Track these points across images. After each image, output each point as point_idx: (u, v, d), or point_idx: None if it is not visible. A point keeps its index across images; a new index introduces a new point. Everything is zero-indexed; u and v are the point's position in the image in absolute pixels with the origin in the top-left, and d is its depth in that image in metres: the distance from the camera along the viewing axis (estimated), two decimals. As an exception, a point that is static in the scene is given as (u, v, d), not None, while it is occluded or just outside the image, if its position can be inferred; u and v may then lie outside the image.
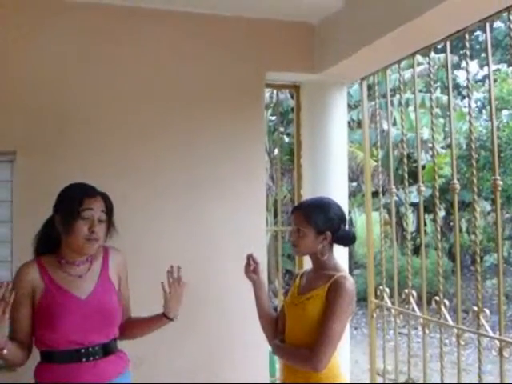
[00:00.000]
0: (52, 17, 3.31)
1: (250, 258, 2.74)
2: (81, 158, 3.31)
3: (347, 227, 2.55)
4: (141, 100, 3.45)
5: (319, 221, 2.45)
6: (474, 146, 2.95)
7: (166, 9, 3.47)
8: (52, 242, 2.41)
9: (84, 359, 2.27)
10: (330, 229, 2.46)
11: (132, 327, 2.55)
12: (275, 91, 4.47)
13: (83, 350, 2.27)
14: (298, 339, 2.42)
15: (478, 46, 16.17)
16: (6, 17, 3.24)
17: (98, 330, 2.31)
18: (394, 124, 12.27)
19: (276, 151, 12.01)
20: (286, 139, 12.89)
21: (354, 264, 13.25)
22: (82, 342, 2.27)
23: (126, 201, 3.28)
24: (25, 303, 2.30)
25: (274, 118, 12.46)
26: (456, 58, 13.23)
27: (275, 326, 2.64)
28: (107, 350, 2.35)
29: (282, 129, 12.66)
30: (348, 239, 2.54)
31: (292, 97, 4.23)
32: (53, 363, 2.30)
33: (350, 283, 2.37)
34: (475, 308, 2.80)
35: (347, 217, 2.67)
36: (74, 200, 2.33)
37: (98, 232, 2.32)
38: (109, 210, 2.40)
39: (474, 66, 16.88)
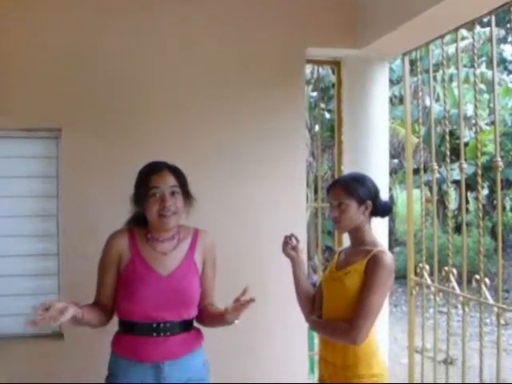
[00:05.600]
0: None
1: (288, 237, 2.75)
2: (124, 134, 3.37)
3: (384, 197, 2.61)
4: (180, 75, 3.47)
5: (360, 191, 2.49)
6: (518, 123, 2.90)
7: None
8: (142, 218, 2.44)
9: (155, 334, 2.32)
10: (369, 198, 2.50)
11: (206, 316, 2.53)
12: (316, 67, 4.42)
13: (155, 325, 2.32)
14: (336, 313, 2.44)
15: (526, 19, 15.69)
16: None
17: (172, 308, 2.34)
18: (437, 100, 12.06)
19: (317, 127, 11.95)
20: (327, 115, 12.82)
21: (394, 241, 13.19)
22: (155, 318, 2.32)
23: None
24: (111, 269, 2.40)
25: (314, 93, 12.36)
26: (503, 32, 12.87)
27: (312, 303, 2.66)
28: (179, 328, 2.37)
29: (322, 105, 12.58)
30: (386, 208, 2.59)
31: (333, 72, 4.19)
32: (126, 333, 2.38)
33: (389, 257, 2.39)
34: (516, 287, 2.77)
35: (387, 193, 2.68)
36: (141, 180, 2.40)
37: (171, 205, 2.34)
38: (180, 182, 2.41)
39: (521, 39, 16.37)
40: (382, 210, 2.57)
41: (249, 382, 3.42)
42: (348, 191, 2.49)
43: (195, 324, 2.53)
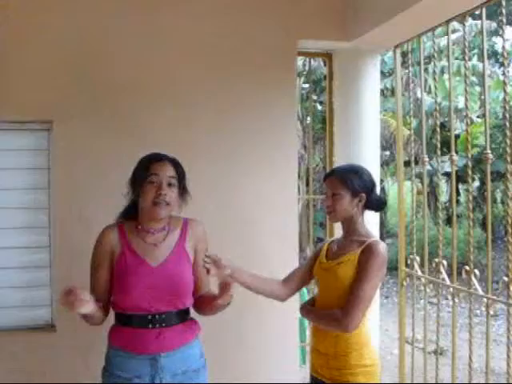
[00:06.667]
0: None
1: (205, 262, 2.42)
2: (116, 125, 3.37)
3: (379, 192, 2.62)
4: (173, 67, 3.47)
5: (354, 183, 2.49)
6: (508, 115, 2.91)
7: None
8: (133, 210, 2.46)
9: (150, 326, 2.32)
10: (364, 191, 2.50)
11: (201, 303, 2.51)
12: (308, 59, 4.43)
13: (149, 317, 2.32)
14: (330, 303, 2.44)
15: (517, 12, 15.67)
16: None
17: (165, 298, 2.34)
18: (429, 92, 12.07)
19: (308, 119, 11.96)
20: (319, 107, 12.81)
21: (385, 233, 13.22)
22: (149, 309, 2.32)
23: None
24: (104, 264, 2.40)
25: (306, 85, 12.36)
26: (494, 25, 12.88)
27: (284, 282, 2.65)
28: (174, 319, 2.37)
29: (314, 97, 12.58)
30: (380, 203, 2.59)
31: (325, 64, 4.20)
32: (122, 326, 2.38)
33: (383, 247, 2.41)
34: (506, 278, 2.79)
35: (378, 185, 2.68)
36: (141, 166, 2.41)
37: (166, 195, 2.35)
38: (179, 175, 2.43)
39: (512, 32, 16.38)
40: (376, 204, 2.57)
41: (240, 372, 3.44)
42: (343, 182, 2.49)
43: (193, 314, 2.53)
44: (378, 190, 2.61)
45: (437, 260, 3.37)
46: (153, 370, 2.33)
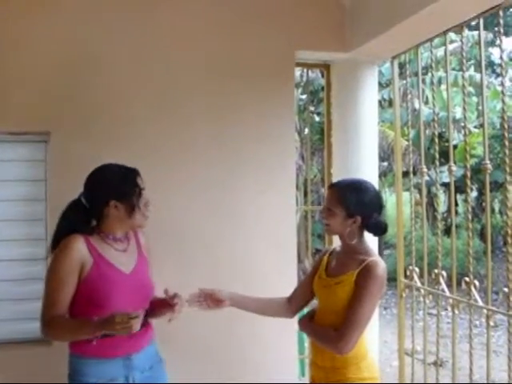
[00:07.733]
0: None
1: (195, 296, 2.54)
2: (113, 135, 3.36)
3: (381, 216, 2.43)
4: (171, 77, 3.47)
5: (351, 203, 2.36)
6: (506, 126, 2.90)
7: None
8: (87, 223, 2.42)
9: None
10: (360, 213, 2.37)
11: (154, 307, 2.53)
12: (305, 70, 4.44)
13: None
14: (329, 319, 2.40)
15: (514, 23, 15.73)
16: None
17: (137, 303, 2.34)
18: (426, 103, 12.08)
19: (306, 130, 11.94)
20: (317, 118, 12.81)
21: (384, 244, 13.19)
22: None
23: (154, 176, 3.32)
24: (73, 277, 2.30)
25: (304, 96, 12.38)
26: (491, 35, 12.93)
27: (288, 301, 2.64)
28: (143, 321, 2.31)
29: (312, 108, 12.57)
30: (378, 229, 2.44)
31: (322, 75, 4.20)
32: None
33: (381, 268, 2.31)
34: (506, 289, 2.78)
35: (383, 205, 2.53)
36: (130, 180, 2.42)
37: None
38: None
39: (510, 42, 16.41)
40: (374, 229, 2.43)
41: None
42: (339, 199, 2.39)
43: None
44: (380, 214, 2.42)
45: (436, 271, 3.36)
46: (126, 370, 2.35)
